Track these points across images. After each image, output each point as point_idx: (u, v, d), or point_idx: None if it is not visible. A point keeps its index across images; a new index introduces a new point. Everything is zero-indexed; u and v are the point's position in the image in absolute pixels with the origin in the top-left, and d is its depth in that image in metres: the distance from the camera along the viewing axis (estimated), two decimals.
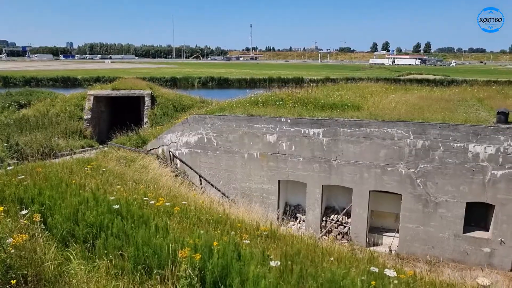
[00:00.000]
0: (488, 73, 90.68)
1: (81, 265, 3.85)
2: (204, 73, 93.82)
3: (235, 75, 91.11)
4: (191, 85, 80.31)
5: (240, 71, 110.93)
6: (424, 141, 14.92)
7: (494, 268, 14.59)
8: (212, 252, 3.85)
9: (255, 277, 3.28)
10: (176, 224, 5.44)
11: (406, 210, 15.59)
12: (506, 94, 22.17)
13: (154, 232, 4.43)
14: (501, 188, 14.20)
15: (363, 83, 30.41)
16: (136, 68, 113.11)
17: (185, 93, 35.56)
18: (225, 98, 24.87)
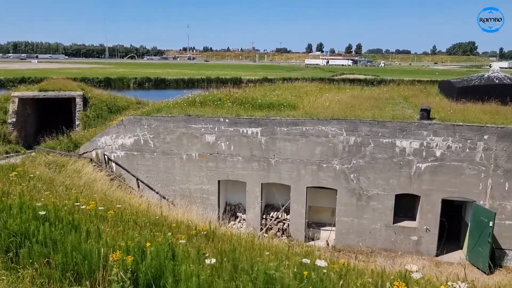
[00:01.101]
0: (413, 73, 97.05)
1: (2, 276, 3.60)
2: (140, 74, 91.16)
3: (172, 76, 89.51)
4: (126, 86, 77.65)
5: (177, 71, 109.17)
6: (356, 137, 15.65)
7: (421, 255, 15.66)
8: (145, 253, 3.78)
9: (188, 276, 3.27)
10: (110, 228, 5.26)
11: (342, 204, 16.26)
12: (428, 92, 23.87)
13: (85, 237, 4.26)
14: (426, 180, 15.28)
15: (299, 83, 31.23)
16: (66, 68, 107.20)
17: (120, 94, 34.34)
18: (162, 99, 24.36)
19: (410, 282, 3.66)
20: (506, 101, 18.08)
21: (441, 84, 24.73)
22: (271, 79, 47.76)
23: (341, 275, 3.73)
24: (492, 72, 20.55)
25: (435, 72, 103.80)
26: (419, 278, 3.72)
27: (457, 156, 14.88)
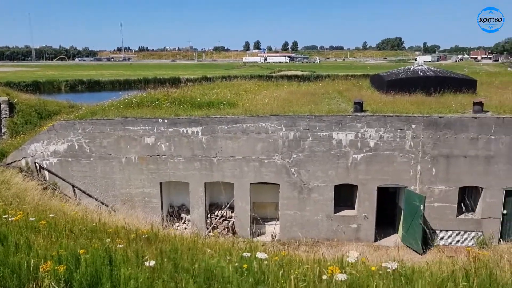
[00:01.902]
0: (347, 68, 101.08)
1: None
2: (72, 76, 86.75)
3: (107, 77, 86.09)
4: (57, 89, 73.49)
5: (112, 72, 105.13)
6: (295, 132, 16.04)
7: (361, 241, 16.43)
8: (80, 261, 3.62)
9: (127, 279, 3.19)
10: (42, 239, 4.98)
11: (284, 198, 16.60)
12: (360, 86, 24.99)
13: (14, 250, 4.00)
14: (362, 170, 16.02)
15: (238, 80, 31.38)
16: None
17: (51, 98, 32.43)
18: (97, 102, 23.33)
19: (346, 266, 3.84)
20: (430, 92, 19.38)
21: (372, 78, 25.99)
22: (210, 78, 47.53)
23: (282, 265, 3.83)
24: (417, 66, 21.94)
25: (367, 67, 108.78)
26: (353, 261, 3.92)
27: (389, 145, 15.75)
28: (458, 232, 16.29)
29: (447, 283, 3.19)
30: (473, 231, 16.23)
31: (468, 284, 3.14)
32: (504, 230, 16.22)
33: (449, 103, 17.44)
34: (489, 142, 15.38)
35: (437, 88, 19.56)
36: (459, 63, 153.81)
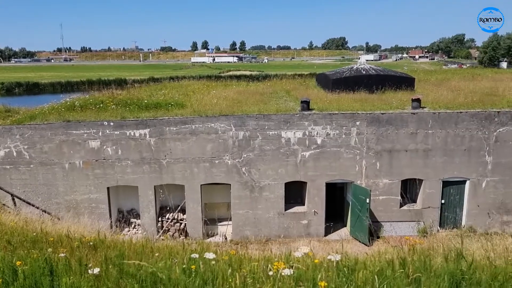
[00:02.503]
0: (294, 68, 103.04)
1: None
2: (8, 78, 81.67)
3: (47, 79, 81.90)
4: None
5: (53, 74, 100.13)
6: (245, 132, 16.13)
7: (312, 237, 16.84)
8: (17, 273, 3.43)
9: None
10: None
11: (236, 198, 16.65)
12: (307, 85, 25.58)
13: None
14: (310, 167, 16.42)
15: (186, 81, 31.04)
16: None
17: None
18: (37, 105, 22.15)
19: (293, 261, 3.95)
20: (372, 90, 20.22)
21: (318, 77, 26.68)
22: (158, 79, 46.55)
23: (231, 264, 3.86)
24: (360, 65, 22.80)
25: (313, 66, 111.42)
26: (300, 256, 4.04)
27: (335, 142, 16.26)
28: (402, 223, 17.14)
29: (386, 271, 3.38)
30: (415, 221, 17.14)
31: (405, 271, 3.34)
32: (442, 219, 17.29)
33: (390, 100, 18.29)
34: (426, 136, 16.31)
35: (379, 86, 20.45)
36: (399, 61, 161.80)
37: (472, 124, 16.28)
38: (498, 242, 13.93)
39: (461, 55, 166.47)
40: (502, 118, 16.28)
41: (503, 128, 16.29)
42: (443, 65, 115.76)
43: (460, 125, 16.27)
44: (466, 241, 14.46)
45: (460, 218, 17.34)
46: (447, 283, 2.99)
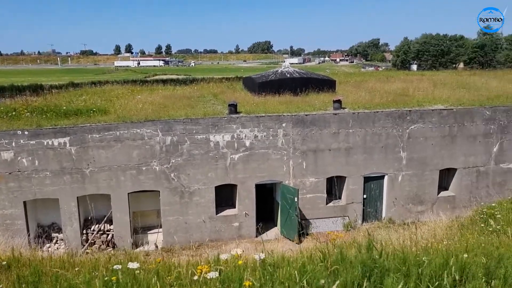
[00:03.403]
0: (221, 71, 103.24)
1: None
2: None
3: None
4: None
5: None
6: (172, 137, 15.87)
7: (244, 238, 17.00)
8: None
9: None
10: None
11: (166, 204, 16.31)
12: (234, 88, 25.81)
13: None
14: (240, 169, 16.58)
15: (109, 86, 29.82)
16: None
17: None
18: None
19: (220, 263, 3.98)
20: (297, 92, 20.94)
21: (245, 80, 27.04)
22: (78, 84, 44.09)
23: (157, 272, 3.80)
24: (284, 68, 23.50)
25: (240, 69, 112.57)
26: (226, 258, 4.09)
27: (263, 144, 16.59)
28: (329, 219, 17.92)
29: (307, 266, 3.55)
30: (341, 216, 18.02)
31: (324, 264, 3.54)
32: (365, 213, 18.36)
33: (313, 101, 19.06)
34: (348, 135, 17.24)
35: (303, 88, 21.23)
36: (322, 65, 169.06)
37: (388, 123, 17.50)
38: (414, 230, 15.11)
39: (377, 58, 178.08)
40: (413, 117, 17.70)
41: (414, 126, 17.71)
42: (362, 67, 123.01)
43: (377, 124, 17.42)
44: (386, 232, 15.49)
45: (381, 211, 18.54)
46: (360, 271, 3.22)
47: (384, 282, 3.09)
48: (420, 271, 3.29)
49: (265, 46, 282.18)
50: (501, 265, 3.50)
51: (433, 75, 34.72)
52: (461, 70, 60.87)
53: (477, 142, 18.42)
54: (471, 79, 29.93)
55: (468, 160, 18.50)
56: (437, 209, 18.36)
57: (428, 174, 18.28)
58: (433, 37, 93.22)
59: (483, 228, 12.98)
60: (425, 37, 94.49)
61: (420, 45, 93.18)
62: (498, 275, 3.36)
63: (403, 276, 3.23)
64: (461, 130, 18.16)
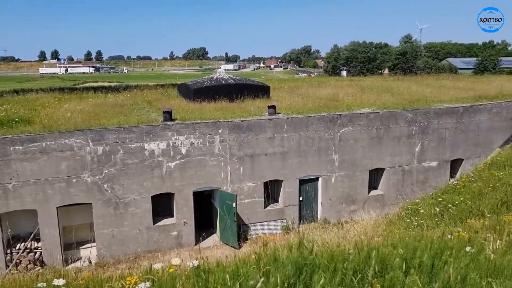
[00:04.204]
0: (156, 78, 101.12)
1: None
2: None
3: None
4: None
5: None
6: (104, 146, 15.28)
7: (183, 247, 16.75)
8: None
9: None
10: None
11: (99, 217, 15.63)
12: (169, 95, 25.43)
13: None
14: (177, 177, 16.34)
15: (33, 94, 27.98)
16: None
17: None
18: None
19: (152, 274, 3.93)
20: (232, 98, 21.10)
21: (180, 87, 26.73)
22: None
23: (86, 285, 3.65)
24: (219, 74, 23.58)
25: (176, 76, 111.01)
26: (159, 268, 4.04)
27: (200, 151, 16.50)
28: (267, 222, 18.19)
29: (241, 270, 3.61)
30: (279, 219, 18.37)
31: (257, 266, 3.63)
32: (302, 214, 18.88)
33: (248, 107, 19.32)
34: (283, 140, 17.66)
35: (238, 94, 21.44)
36: (257, 71, 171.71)
37: (320, 127, 18.19)
38: (347, 229, 15.83)
39: (309, 64, 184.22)
40: (343, 120, 18.55)
41: (345, 129, 18.57)
42: (295, 74, 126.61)
43: (310, 128, 18.04)
44: (322, 232, 16.07)
45: (316, 212, 19.17)
46: (291, 270, 3.35)
47: (313, 279, 3.24)
48: (345, 266, 3.50)
49: (201, 53, 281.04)
50: (416, 255, 3.82)
51: (361, 81, 36.68)
52: (386, 76, 64.96)
53: (401, 143, 19.72)
54: (394, 84, 32.04)
55: (394, 160, 19.73)
56: (368, 207, 19.38)
57: (358, 175, 19.23)
58: (361, 44, 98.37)
59: (409, 223, 13.94)
60: (353, 45, 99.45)
61: (349, 52, 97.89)
62: (414, 265, 3.67)
63: (330, 272, 3.41)
64: (387, 132, 19.35)
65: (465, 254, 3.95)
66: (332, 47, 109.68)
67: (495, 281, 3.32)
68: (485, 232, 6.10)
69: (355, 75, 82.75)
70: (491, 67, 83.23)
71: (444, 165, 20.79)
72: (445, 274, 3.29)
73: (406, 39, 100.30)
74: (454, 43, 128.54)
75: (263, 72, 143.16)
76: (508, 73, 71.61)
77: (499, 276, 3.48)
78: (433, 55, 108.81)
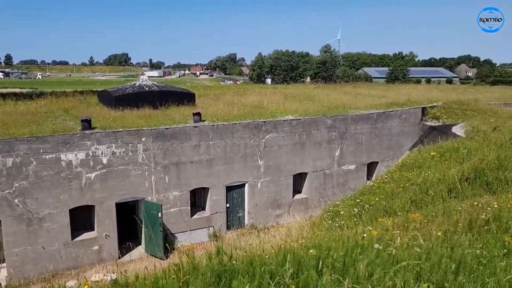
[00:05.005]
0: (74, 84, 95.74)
1: None
2: None
3: None
4: None
5: None
6: (15, 158, 14.14)
7: (105, 262, 15.94)
8: None
9: None
10: None
11: (9, 235, 14.39)
12: (88, 103, 24.20)
13: None
14: (97, 189, 15.58)
15: None
16: None
17: None
18: None
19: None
20: (156, 106, 20.64)
21: (100, 94, 25.58)
22: None
23: None
24: (142, 81, 22.96)
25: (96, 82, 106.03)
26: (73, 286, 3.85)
27: (122, 160, 15.90)
28: (195, 231, 18.00)
29: (160, 281, 3.58)
30: (206, 227, 18.27)
31: (177, 276, 3.62)
32: (229, 221, 18.97)
33: (173, 115, 19.03)
34: (208, 147, 17.65)
35: (162, 101, 21.03)
36: (183, 78, 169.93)
37: (246, 133, 18.46)
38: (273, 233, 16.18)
39: (235, 72, 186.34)
40: (268, 127, 19.01)
41: (269, 135, 19.04)
42: (221, 81, 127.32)
43: (236, 135, 18.23)
44: (248, 238, 16.26)
45: (243, 218, 19.37)
46: (211, 278, 3.39)
47: (232, 285, 3.30)
48: (263, 270, 3.61)
49: (123, 59, 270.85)
50: (330, 255, 4.05)
51: (284, 89, 37.87)
52: (308, 84, 67.78)
53: (322, 148, 20.67)
54: (315, 91, 33.53)
55: (316, 164, 20.60)
56: (293, 211, 20.00)
57: (283, 180, 19.79)
58: (284, 53, 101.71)
59: (331, 225, 14.61)
60: (277, 53, 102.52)
61: (273, 61, 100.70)
62: (327, 264, 3.89)
63: (249, 277, 3.50)
64: (309, 137, 20.17)
65: (372, 251, 4.28)
66: (257, 55, 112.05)
67: (397, 274, 3.65)
68: (394, 229, 6.61)
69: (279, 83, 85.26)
70: (401, 76, 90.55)
71: (361, 168, 22.15)
72: (355, 271, 3.55)
73: (326, 49, 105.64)
74: (369, 54, 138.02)
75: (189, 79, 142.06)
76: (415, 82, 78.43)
77: (400, 269, 3.83)
78: (350, 64, 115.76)
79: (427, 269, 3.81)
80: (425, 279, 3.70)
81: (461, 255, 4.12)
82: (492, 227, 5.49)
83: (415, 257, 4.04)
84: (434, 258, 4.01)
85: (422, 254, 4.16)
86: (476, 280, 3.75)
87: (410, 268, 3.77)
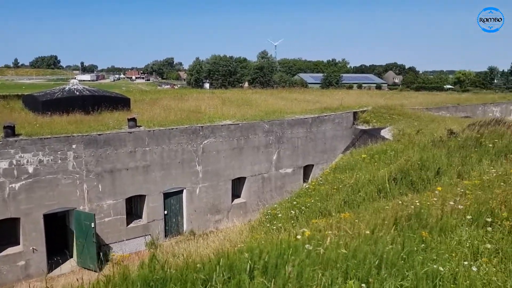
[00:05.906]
0: None
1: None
2: None
3: None
4: None
5: None
6: None
7: (33, 278, 14.95)
8: None
9: None
10: None
11: None
12: (12, 108, 22.59)
13: None
14: (23, 200, 14.59)
15: None
16: None
17: None
18: None
19: None
20: (88, 111, 19.76)
21: (25, 98, 24.02)
22: None
23: None
24: (72, 85, 21.87)
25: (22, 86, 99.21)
26: None
27: (50, 168, 15.03)
28: (131, 240, 17.43)
29: None
30: (143, 235, 17.76)
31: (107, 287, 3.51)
32: (167, 228, 18.60)
33: (106, 120, 18.33)
34: (145, 153, 17.21)
35: (95, 106, 20.19)
36: (117, 82, 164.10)
37: (183, 139, 18.24)
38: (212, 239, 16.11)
39: (172, 76, 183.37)
40: (206, 132, 18.94)
41: (207, 141, 18.97)
42: (158, 85, 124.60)
43: (173, 140, 17.96)
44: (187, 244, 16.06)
45: (182, 224, 19.09)
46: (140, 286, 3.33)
47: None
48: (195, 277, 3.62)
49: (51, 61, 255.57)
50: (262, 257, 4.15)
51: (222, 93, 37.94)
52: (246, 89, 68.47)
53: (260, 152, 20.97)
54: (253, 96, 33.96)
55: (254, 168, 20.84)
56: (232, 216, 20.05)
57: (222, 185, 19.79)
58: (222, 58, 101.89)
59: (269, 228, 14.85)
60: (215, 58, 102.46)
61: (211, 65, 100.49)
62: (258, 267, 3.99)
63: (180, 284, 3.49)
64: (247, 142, 20.36)
65: (303, 251, 4.45)
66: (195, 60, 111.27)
67: (325, 272, 3.83)
68: (327, 230, 6.89)
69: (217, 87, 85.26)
70: (334, 82, 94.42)
71: (298, 171, 22.75)
72: (285, 272, 3.67)
73: (263, 55, 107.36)
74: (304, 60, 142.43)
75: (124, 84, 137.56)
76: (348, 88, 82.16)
77: (327, 268, 4.02)
78: (287, 70, 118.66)
79: (354, 266, 4.04)
80: (351, 276, 3.92)
81: (383, 251, 4.42)
82: (412, 223, 5.92)
83: (343, 255, 4.26)
84: (360, 255, 4.26)
85: (349, 252, 4.39)
86: (397, 274, 4.04)
87: (338, 266, 3.97)
